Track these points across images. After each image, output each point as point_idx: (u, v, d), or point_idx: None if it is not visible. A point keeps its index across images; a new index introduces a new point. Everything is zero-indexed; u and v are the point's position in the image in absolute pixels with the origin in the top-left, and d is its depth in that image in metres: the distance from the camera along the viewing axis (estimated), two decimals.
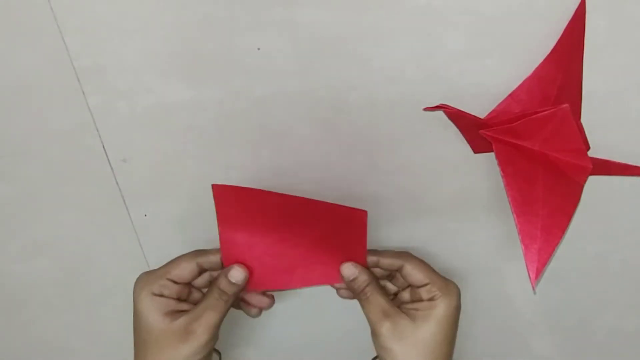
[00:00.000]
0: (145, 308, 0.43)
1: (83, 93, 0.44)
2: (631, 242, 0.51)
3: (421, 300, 0.44)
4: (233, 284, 0.43)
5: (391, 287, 0.48)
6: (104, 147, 0.47)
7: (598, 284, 0.54)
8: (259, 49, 0.42)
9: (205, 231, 0.48)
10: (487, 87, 0.43)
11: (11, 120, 0.45)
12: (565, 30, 0.40)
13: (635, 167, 0.46)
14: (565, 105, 0.40)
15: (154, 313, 0.42)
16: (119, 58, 0.42)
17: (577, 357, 0.59)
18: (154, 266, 0.51)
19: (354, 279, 0.45)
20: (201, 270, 0.45)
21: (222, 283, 0.44)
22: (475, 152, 0.46)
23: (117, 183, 0.48)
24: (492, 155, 0.45)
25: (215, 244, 0.46)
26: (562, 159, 0.43)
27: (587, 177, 0.43)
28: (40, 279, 0.53)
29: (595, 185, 0.46)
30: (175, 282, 0.44)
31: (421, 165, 0.47)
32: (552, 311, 0.56)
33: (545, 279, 0.53)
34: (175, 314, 0.43)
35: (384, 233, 0.51)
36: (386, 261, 0.46)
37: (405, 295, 0.47)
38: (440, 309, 0.43)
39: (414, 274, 0.44)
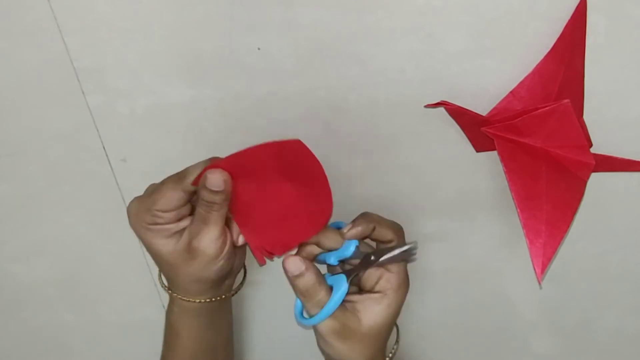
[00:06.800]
0: (146, 237, 0.41)
1: (83, 93, 0.44)
2: (631, 242, 0.51)
3: (371, 292, 0.41)
4: (216, 192, 0.39)
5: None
6: (104, 147, 0.47)
7: (598, 284, 0.54)
8: (259, 49, 0.42)
9: None
10: (487, 87, 0.43)
11: (11, 120, 0.45)
12: (566, 27, 0.40)
13: (639, 162, 0.45)
14: (567, 100, 0.39)
15: (156, 240, 0.41)
16: (119, 58, 0.42)
17: (577, 357, 0.59)
18: (154, 267, 0.51)
19: (299, 275, 0.40)
20: (191, 193, 0.41)
21: (205, 194, 0.39)
22: (477, 150, 0.46)
23: (117, 183, 0.48)
24: (491, 155, 0.45)
25: None
26: (564, 155, 0.42)
27: (590, 173, 0.43)
28: (40, 279, 0.53)
29: (595, 186, 0.46)
30: (166, 211, 0.40)
31: (421, 165, 0.47)
32: (552, 311, 0.56)
33: (546, 279, 0.53)
34: (178, 234, 0.41)
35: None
36: (361, 228, 0.42)
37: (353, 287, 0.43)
38: (385, 306, 0.40)
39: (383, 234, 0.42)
